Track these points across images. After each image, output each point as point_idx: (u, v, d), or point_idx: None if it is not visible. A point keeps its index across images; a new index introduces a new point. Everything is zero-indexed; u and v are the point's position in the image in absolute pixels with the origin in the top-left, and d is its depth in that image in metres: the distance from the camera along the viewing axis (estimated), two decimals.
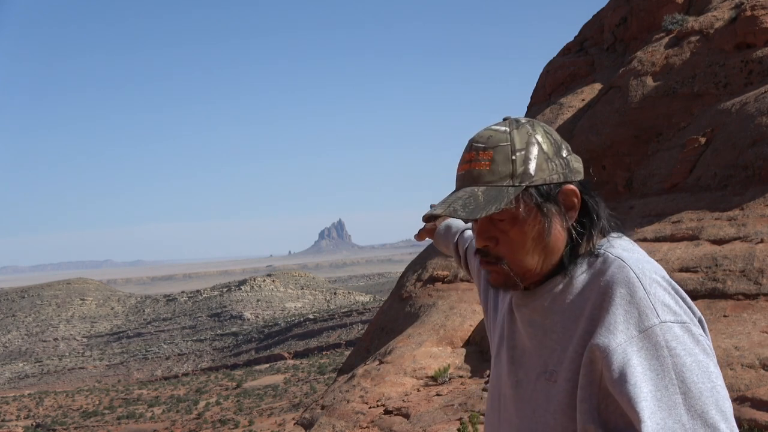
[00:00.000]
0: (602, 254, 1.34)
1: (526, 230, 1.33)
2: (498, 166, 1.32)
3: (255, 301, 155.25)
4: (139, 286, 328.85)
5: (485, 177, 1.32)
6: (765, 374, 7.00)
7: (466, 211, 1.28)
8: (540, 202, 1.33)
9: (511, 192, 1.30)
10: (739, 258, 9.40)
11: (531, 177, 1.32)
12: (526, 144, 1.34)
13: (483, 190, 1.31)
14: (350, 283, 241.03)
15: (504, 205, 1.29)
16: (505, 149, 1.33)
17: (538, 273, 1.37)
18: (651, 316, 1.22)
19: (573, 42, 22.27)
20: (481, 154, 1.33)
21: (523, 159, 1.32)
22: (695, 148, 12.62)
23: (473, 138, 1.37)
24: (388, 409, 10.65)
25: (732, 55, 13.78)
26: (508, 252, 1.35)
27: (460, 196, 1.32)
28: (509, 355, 1.45)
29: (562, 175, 1.35)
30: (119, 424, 69.34)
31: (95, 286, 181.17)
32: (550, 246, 1.35)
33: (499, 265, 1.36)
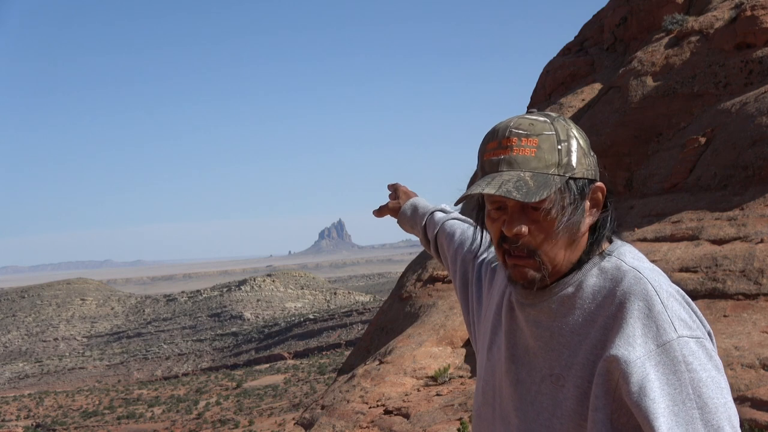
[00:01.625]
0: (614, 261, 1.34)
1: (561, 222, 1.31)
2: (544, 154, 1.30)
3: (255, 301, 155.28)
4: (139, 286, 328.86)
5: (531, 163, 1.29)
6: (765, 374, 7.00)
7: (521, 194, 1.25)
8: (578, 195, 1.32)
9: (557, 181, 1.29)
10: (739, 258, 9.40)
11: (573, 169, 1.31)
12: (567, 136, 1.33)
13: (531, 176, 1.28)
14: (350, 283, 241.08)
15: (553, 192, 1.28)
16: (550, 138, 1.31)
17: (561, 270, 1.35)
18: (669, 331, 1.22)
19: (573, 42, 22.28)
20: (524, 140, 1.31)
21: (567, 150, 1.32)
22: (695, 148, 12.62)
23: (508, 125, 1.34)
24: (388, 409, 10.65)
25: (732, 55, 13.78)
26: (540, 243, 1.31)
27: (507, 179, 1.28)
28: (509, 352, 1.43)
29: (593, 173, 1.36)
30: (119, 424, 69.35)
31: (95, 286, 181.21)
32: (576, 243, 1.35)
33: (533, 258, 1.32)
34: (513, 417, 1.38)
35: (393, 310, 16.12)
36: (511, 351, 1.43)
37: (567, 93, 19.09)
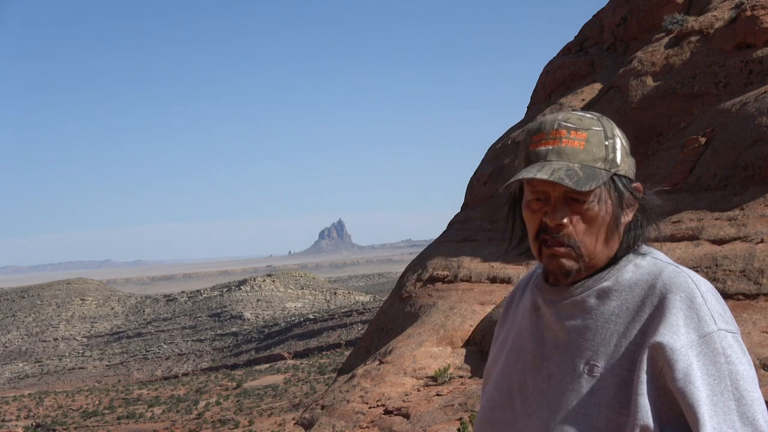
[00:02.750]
0: (649, 259, 1.38)
1: (602, 216, 1.34)
2: (593, 147, 1.34)
3: (255, 301, 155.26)
4: (139, 286, 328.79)
5: (580, 155, 1.33)
6: (765, 374, 7.00)
7: (572, 181, 1.29)
8: (621, 191, 1.36)
9: (604, 174, 1.33)
10: (739, 258, 9.40)
11: (617, 166, 1.36)
12: (613, 134, 1.38)
13: (579, 167, 1.32)
14: (350, 283, 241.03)
15: (600, 184, 1.32)
16: (598, 134, 1.35)
17: (596, 264, 1.38)
18: (710, 323, 1.27)
19: (573, 42, 22.28)
20: (573, 133, 1.34)
21: (613, 147, 1.36)
22: (695, 148, 12.62)
23: (557, 118, 1.37)
24: (388, 409, 10.65)
25: (732, 55, 13.78)
26: (581, 235, 1.34)
27: (558, 167, 1.31)
28: (538, 351, 1.44)
29: (632, 173, 1.40)
30: (119, 424, 69.34)
31: (95, 286, 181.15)
32: (613, 238, 1.38)
33: (570, 248, 1.34)
34: (544, 410, 1.38)
35: (393, 310, 16.12)
36: (540, 349, 1.44)
37: (567, 93, 19.08)
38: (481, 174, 20.50)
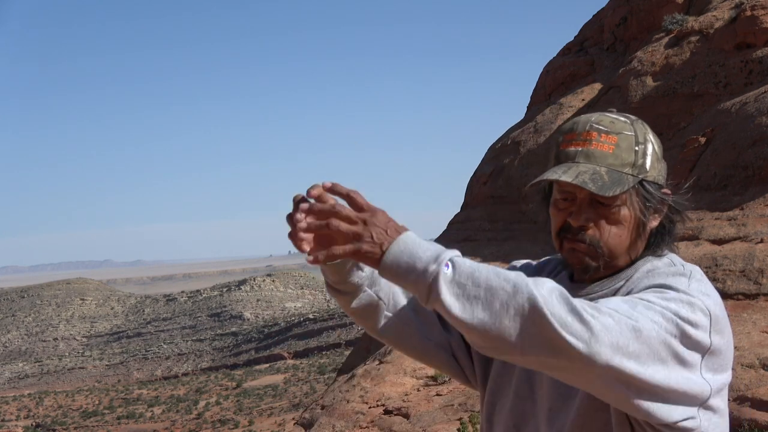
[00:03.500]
0: (665, 260, 1.40)
1: (627, 220, 1.35)
2: (622, 152, 1.34)
3: (255, 301, 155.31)
4: (139, 286, 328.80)
5: (608, 159, 1.33)
6: (765, 374, 7.00)
7: (596, 186, 1.29)
8: (648, 197, 1.37)
9: (630, 180, 1.33)
10: (739, 258, 9.40)
11: (646, 171, 1.36)
12: (645, 139, 1.38)
13: (606, 171, 1.32)
14: None
15: (625, 189, 1.32)
16: (629, 138, 1.36)
17: (617, 265, 1.39)
18: (681, 282, 1.30)
19: (573, 42, 22.28)
20: (604, 136, 1.35)
21: (643, 152, 1.36)
22: (695, 148, 12.62)
23: (590, 119, 1.37)
24: (388, 409, 10.66)
25: (732, 55, 13.78)
26: (604, 236, 1.35)
27: (584, 170, 1.31)
28: None
29: (663, 178, 1.41)
30: (119, 424, 69.39)
31: (95, 286, 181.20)
32: (638, 242, 1.39)
33: (592, 246, 1.36)
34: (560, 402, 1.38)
35: None
36: None
37: (567, 93, 19.08)
38: (481, 174, 20.50)
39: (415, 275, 1.15)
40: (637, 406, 1.19)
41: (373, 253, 1.18)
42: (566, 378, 1.18)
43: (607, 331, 1.13)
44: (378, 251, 1.18)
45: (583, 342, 1.11)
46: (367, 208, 1.20)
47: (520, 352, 1.12)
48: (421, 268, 1.14)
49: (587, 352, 1.11)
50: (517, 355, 1.13)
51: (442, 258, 1.15)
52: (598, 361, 1.12)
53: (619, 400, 1.19)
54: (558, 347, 1.11)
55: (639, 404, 1.18)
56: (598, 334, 1.12)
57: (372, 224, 1.19)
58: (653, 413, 1.20)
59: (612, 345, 1.13)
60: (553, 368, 1.16)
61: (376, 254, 1.18)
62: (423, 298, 1.15)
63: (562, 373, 1.17)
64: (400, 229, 1.20)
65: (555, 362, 1.13)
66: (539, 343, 1.11)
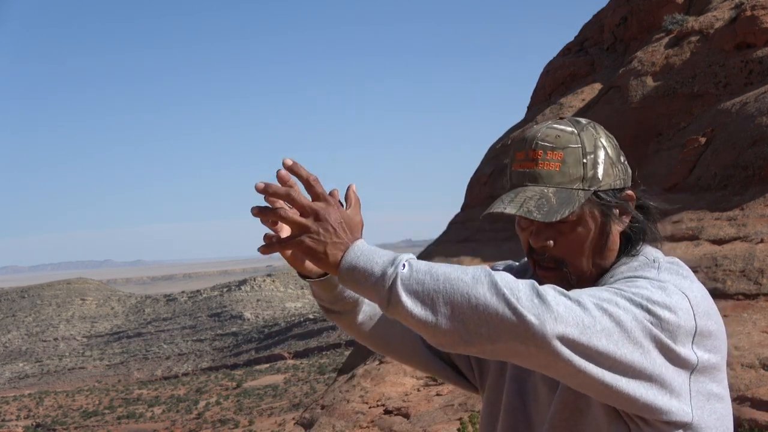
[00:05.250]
0: (640, 257, 1.36)
1: (586, 234, 1.32)
2: (569, 168, 1.30)
3: (255, 301, 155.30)
4: (139, 286, 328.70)
5: (555, 178, 1.30)
6: (765, 374, 7.00)
7: (542, 213, 1.25)
8: (605, 207, 1.32)
9: (581, 196, 1.29)
10: (739, 258, 9.40)
11: (599, 182, 1.31)
12: (594, 147, 1.33)
13: (554, 191, 1.29)
14: None
15: (576, 208, 1.28)
16: (575, 151, 1.31)
17: (590, 278, 1.36)
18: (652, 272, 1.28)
19: (573, 42, 22.29)
20: (550, 153, 1.30)
21: (593, 163, 1.31)
22: (695, 148, 12.62)
23: (536, 135, 1.33)
24: (388, 409, 10.66)
25: (732, 55, 13.78)
26: (566, 255, 1.33)
27: (530, 196, 1.28)
28: None
29: (623, 181, 1.36)
30: (119, 424, 69.41)
31: (95, 286, 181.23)
32: (607, 250, 1.36)
33: (560, 270, 1.33)
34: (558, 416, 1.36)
35: None
36: None
37: (567, 93, 19.09)
38: (481, 174, 20.51)
39: (373, 279, 1.14)
40: (619, 389, 1.15)
41: (316, 250, 1.17)
42: (544, 367, 1.15)
43: (570, 311, 1.11)
44: (321, 249, 1.17)
45: (547, 321, 1.09)
46: (323, 199, 1.18)
47: (488, 341, 1.11)
48: (379, 273, 1.14)
49: (550, 332, 1.09)
50: (487, 344, 1.12)
51: (398, 260, 1.15)
52: (559, 339, 1.10)
53: (600, 389, 1.16)
54: (524, 332, 1.09)
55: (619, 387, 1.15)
56: (561, 313, 1.11)
57: (324, 218, 1.17)
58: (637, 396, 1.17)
59: (577, 323, 1.11)
60: (524, 356, 1.13)
61: (319, 252, 1.17)
62: (383, 304, 1.14)
63: (533, 360, 1.14)
64: (353, 230, 1.20)
65: (524, 348, 1.11)
66: (505, 330, 1.10)
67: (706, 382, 1.25)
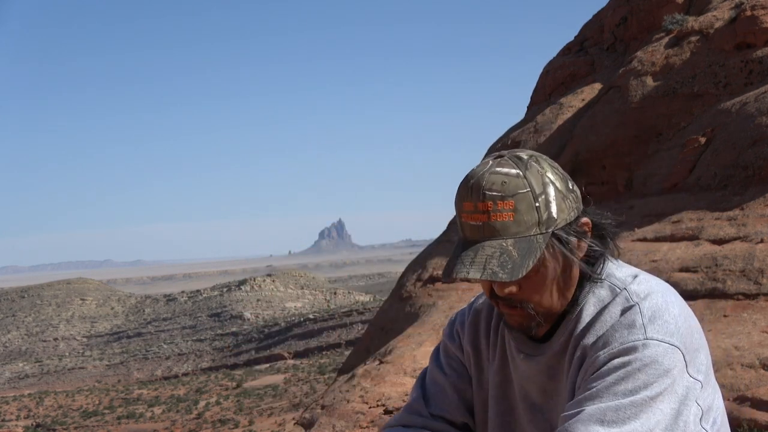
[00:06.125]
0: (606, 285, 1.34)
1: (549, 273, 1.29)
2: (523, 216, 1.24)
3: (255, 301, 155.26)
4: (139, 286, 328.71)
5: (511, 228, 1.23)
6: (765, 374, 7.01)
7: (506, 272, 1.21)
8: (564, 244, 1.29)
9: (540, 240, 1.25)
10: (739, 258, 9.41)
11: (555, 221, 1.27)
12: (543, 186, 1.26)
13: (513, 243, 1.23)
14: (350, 283, 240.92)
15: (539, 255, 1.24)
16: (526, 197, 1.24)
17: (557, 311, 1.34)
18: (636, 334, 1.24)
19: (573, 42, 22.29)
20: (500, 203, 1.23)
21: (545, 203, 1.26)
22: (695, 148, 12.62)
23: (481, 184, 1.26)
24: (388, 409, 10.66)
25: (732, 55, 13.78)
26: (532, 296, 1.29)
27: (490, 254, 1.22)
28: (526, 403, 1.41)
29: (576, 210, 1.31)
30: (119, 424, 69.39)
31: (95, 286, 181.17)
32: (569, 282, 1.34)
33: (523, 309, 1.30)
34: None
35: (393, 310, 16.13)
36: (528, 400, 1.41)
37: (567, 93, 19.09)
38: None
39: None
40: None
41: None
42: None
43: None
44: None
45: None
46: None
47: None
48: None
49: None
50: None
51: None
52: None
53: None
54: None
55: None
56: None
57: None
58: None
59: None
60: None
61: None
62: None
63: None
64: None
65: None
66: None
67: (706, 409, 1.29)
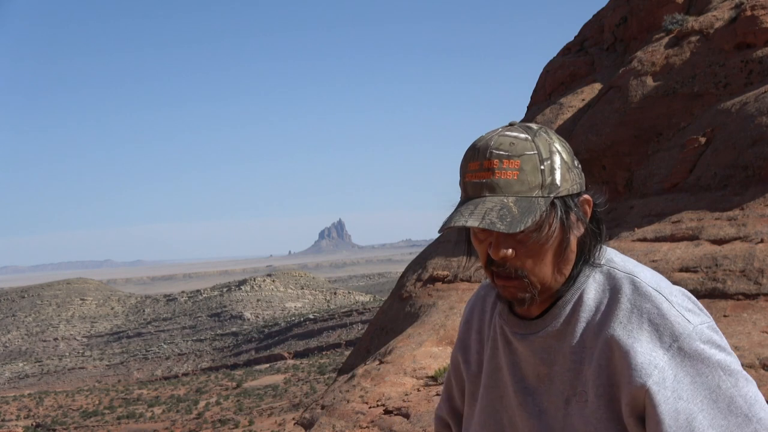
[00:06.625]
0: (606, 270, 1.35)
1: (547, 241, 1.28)
2: (527, 176, 1.25)
3: (255, 301, 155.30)
4: (139, 286, 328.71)
5: (514, 187, 1.25)
6: (765, 374, 7.01)
7: (505, 224, 1.20)
8: (564, 213, 1.29)
9: (542, 203, 1.25)
10: (739, 258, 9.41)
11: (558, 188, 1.27)
12: (550, 153, 1.28)
13: (514, 201, 1.24)
14: (350, 283, 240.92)
15: (538, 216, 1.24)
16: (533, 158, 1.26)
17: (552, 287, 1.33)
18: (684, 324, 1.25)
19: (573, 42, 22.29)
20: (506, 162, 1.25)
21: (550, 169, 1.27)
22: (695, 148, 12.62)
23: (489, 144, 1.28)
24: (388, 409, 10.65)
25: (732, 55, 13.78)
26: (527, 264, 1.29)
27: (490, 207, 1.23)
28: (518, 386, 1.39)
29: (579, 185, 1.32)
30: (119, 424, 69.42)
31: (95, 286, 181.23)
32: (566, 258, 1.32)
33: (519, 279, 1.29)
34: None
35: (393, 310, 16.13)
36: (521, 384, 1.40)
37: (567, 93, 19.09)
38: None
39: None
40: None
41: None
42: None
43: None
44: None
45: None
46: None
47: None
48: None
49: None
50: None
51: None
52: None
53: None
54: None
55: None
56: None
57: None
58: None
59: None
60: None
61: None
62: None
63: None
64: None
65: None
66: None
67: None
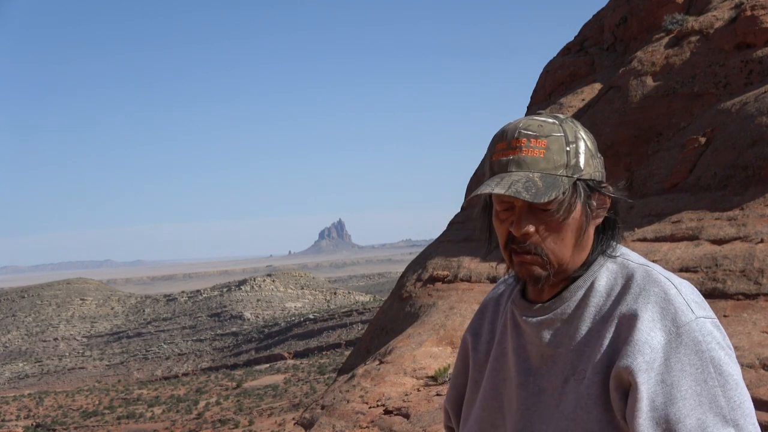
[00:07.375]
0: (620, 261, 1.39)
1: (568, 222, 1.33)
2: (553, 155, 1.31)
3: (255, 301, 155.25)
4: (139, 286, 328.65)
5: (540, 164, 1.31)
6: (765, 374, 7.01)
7: (530, 194, 1.26)
8: (586, 196, 1.34)
9: (565, 181, 1.31)
10: (739, 258, 9.41)
11: (581, 170, 1.33)
12: (576, 138, 1.35)
13: (539, 176, 1.30)
14: (350, 283, 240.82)
15: (561, 192, 1.29)
16: (559, 140, 1.32)
17: (568, 269, 1.37)
18: (688, 313, 1.30)
19: (573, 42, 22.28)
20: (533, 141, 1.32)
21: (575, 151, 1.33)
22: (695, 148, 12.62)
23: (518, 126, 1.34)
24: (388, 409, 10.65)
25: (732, 55, 13.78)
26: (547, 242, 1.33)
27: (516, 179, 1.29)
28: (521, 366, 1.43)
29: (600, 174, 1.38)
30: (119, 424, 69.40)
31: (95, 286, 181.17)
32: (583, 243, 1.37)
33: (537, 255, 1.33)
34: (538, 425, 1.38)
35: (393, 310, 16.13)
36: (524, 364, 1.43)
37: (567, 93, 19.09)
38: (481, 174, 20.52)
39: None
40: None
41: None
42: None
43: None
44: None
45: None
46: None
47: None
48: None
49: None
50: None
51: None
52: None
53: None
54: None
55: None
56: None
57: None
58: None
59: None
60: None
61: None
62: None
63: None
64: None
65: None
66: None
67: None
